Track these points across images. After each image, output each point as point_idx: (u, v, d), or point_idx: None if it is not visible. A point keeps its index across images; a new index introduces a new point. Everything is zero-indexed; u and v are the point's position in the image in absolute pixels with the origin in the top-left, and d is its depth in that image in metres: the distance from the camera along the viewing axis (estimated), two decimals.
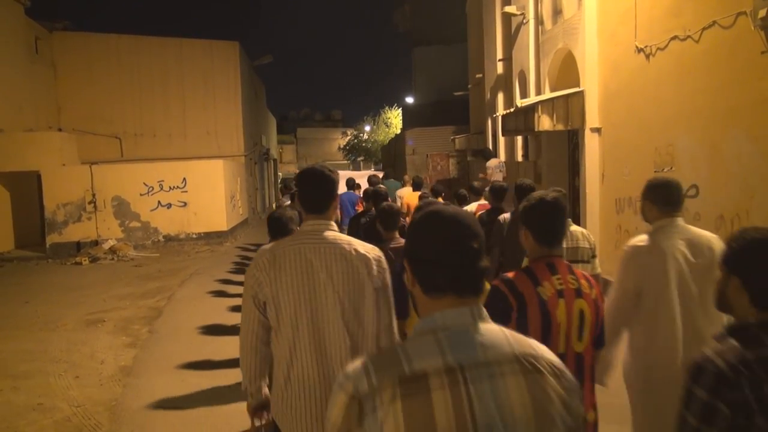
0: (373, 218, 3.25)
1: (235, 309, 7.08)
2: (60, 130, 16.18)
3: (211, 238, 14.69)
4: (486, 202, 5.65)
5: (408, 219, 5.78)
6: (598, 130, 7.86)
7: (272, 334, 1.95)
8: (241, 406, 2.56)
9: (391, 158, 25.55)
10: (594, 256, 3.50)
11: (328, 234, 1.94)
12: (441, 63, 24.40)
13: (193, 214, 14.59)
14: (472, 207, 5.66)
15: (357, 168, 44.06)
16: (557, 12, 9.23)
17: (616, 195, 7.38)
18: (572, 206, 9.34)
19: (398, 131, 31.77)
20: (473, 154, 16.15)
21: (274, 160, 31.81)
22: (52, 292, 9.26)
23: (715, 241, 2.50)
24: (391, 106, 39.35)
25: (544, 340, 1.79)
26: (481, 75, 15.27)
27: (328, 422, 1.01)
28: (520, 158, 12.06)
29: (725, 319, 1.44)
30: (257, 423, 2.13)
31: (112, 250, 13.14)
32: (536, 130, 8.23)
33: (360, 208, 7.02)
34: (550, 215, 1.93)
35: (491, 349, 1.00)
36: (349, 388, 0.99)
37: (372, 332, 1.90)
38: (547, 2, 9.59)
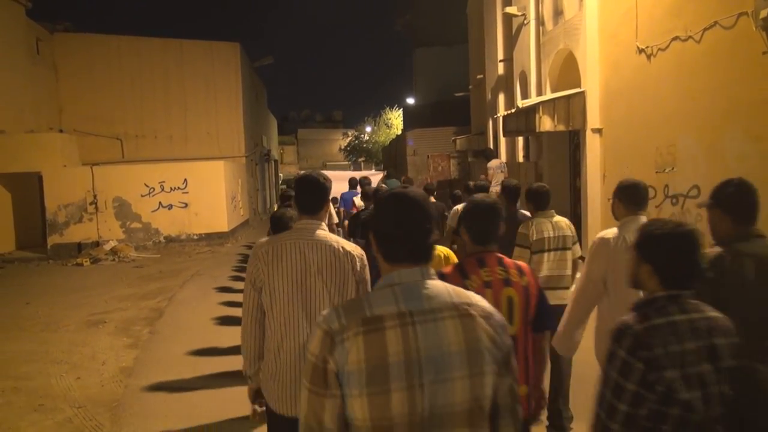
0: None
1: (237, 309, 7.08)
2: (61, 131, 16.21)
3: (212, 239, 14.70)
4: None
5: None
6: (599, 131, 7.85)
7: (267, 316, 2.25)
8: (243, 407, 2.57)
9: (392, 159, 25.56)
10: (575, 243, 3.89)
11: (320, 232, 2.28)
12: (442, 64, 24.42)
13: (194, 215, 14.60)
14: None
15: (358, 168, 44.06)
16: (558, 13, 9.23)
17: None
18: (573, 206, 9.34)
19: (399, 132, 31.78)
20: (474, 154, 16.15)
21: (275, 161, 31.84)
22: (53, 293, 9.27)
23: None
24: (392, 106, 39.43)
25: None
26: (482, 76, 15.27)
27: (308, 352, 1.29)
28: (521, 159, 12.05)
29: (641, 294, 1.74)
30: (258, 410, 2.35)
31: (113, 251, 13.16)
32: (537, 130, 8.23)
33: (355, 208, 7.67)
34: (485, 218, 2.19)
35: (434, 299, 1.30)
36: (324, 326, 1.27)
37: None
38: (548, 3, 9.59)
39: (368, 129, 41.67)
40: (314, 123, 58.71)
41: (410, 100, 30.15)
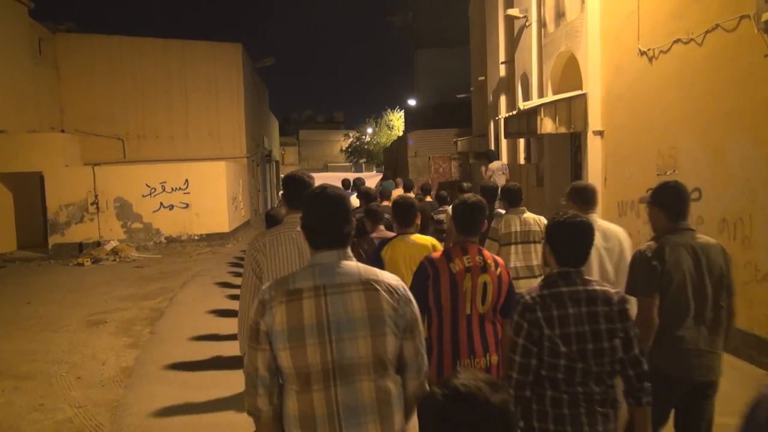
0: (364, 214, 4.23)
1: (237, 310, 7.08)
2: (63, 131, 16.24)
3: (212, 239, 14.71)
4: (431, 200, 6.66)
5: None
6: (600, 133, 7.85)
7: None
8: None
9: (393, 160, 25.56)
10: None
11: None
12: (443, 65, 24.43)
13: (195, 215, 14.62)
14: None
15: (359, 170, 44.05)
16: (560, 15, 9.24)
17: (618, 198, 7.37)
18: None
19: (400, 133, 31.78)
20: (475, 156, 16.16)
21: (276, 162, 31.84)
22: (54, 292, 9.28)
23: (621, 233, 3.25)
24: (393, 108, 39.42)
25: (453, 300, 2.51)
26: (483, 77, 15.28)
27: (249, 317, 1.71)
28: (522, 161, 12.05)
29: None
30: None
31: (114, 251, 13.17)
32: (538, 132, 8.23)
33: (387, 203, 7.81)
34: (470, 213, 2.61)
35: (345, 276, 1.67)
36: (260, 297, 1.69)
37: None
38: (550, 5, 9.60)
39: (369, 130, 41.65)
40: (316, 124, 58.73)
41: (412, 102, 30.15)
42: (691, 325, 2.53)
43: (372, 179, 15.26)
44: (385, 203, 5.86)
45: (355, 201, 7.57)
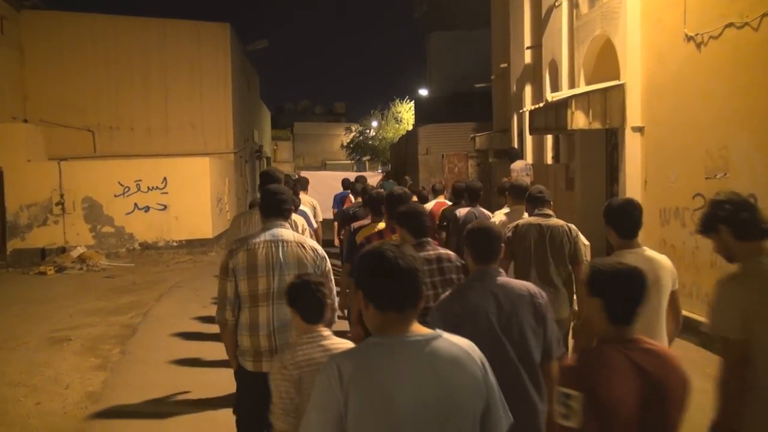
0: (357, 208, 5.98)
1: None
2: (25, 121, 16.36)
3: (194, 246, 14.76)
4: (444, 201, 7.53)
5: None
6: (640, 130, 7.83)
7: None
8: None
9: (401, 158, 25.57)
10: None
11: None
12: (460, 50, 24.47)
13: (174, 218, 14.67)
14: (429, 205, 7.25)
15: (362, 169, 44.14)
16: None
17: (660, 204, 7.34)
18: None
19: (410, 127, 31.83)
20: (496, 155, 16.13)
21: (268, 159, 31.96)
22: (11, 305, 9.32)
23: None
24: (402, 98, 39.44)
25: None
26: (506, 65, 15.29)
27: (222, 261, 3.25)
28: (549, 160, 12.04)
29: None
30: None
31: (82, 259, 13.23)
32: (569, 128, 8.22)
33: (348, 203, 9.46)
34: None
35: (284, 235, 3.25)
36: (229, 248, 3.30)
37: None
38: None
39: (374, 124, 41.73)
40: (313, 116, 58.94)
41: (423, 92, 30.18)
42: None
43: (373, 180, 15.31)
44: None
45: (353, 198, 9.03)
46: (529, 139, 12.84)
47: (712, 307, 2.51)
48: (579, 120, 8.05)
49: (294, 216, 4.44)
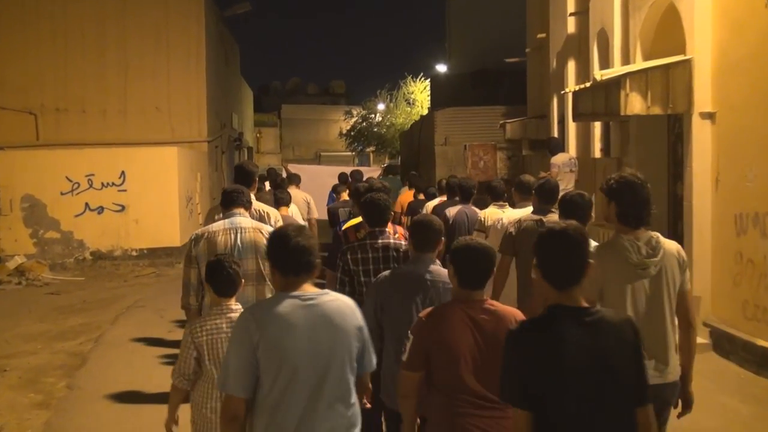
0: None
1: None
2: None
3: (157, 256, 14.80)
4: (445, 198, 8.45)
5: (403, 218, 9.74)
6: (710, 116, 7.81)
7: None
8: None
9: (413, 149, 25.57)
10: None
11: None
12: (487, 17, 24.46)
13: (133, 222, 14.72)
14: (434, 202, 8.47)
15: (364, 162, 44.22)
16: None
17: (735, 209, 7.30)
18: (672, 223, 9.26)
19: (425, 112, 31.88)
20: (531, 146, 16.09)
21: (249, 149, 32.07)
22: None
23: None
24: (415, 76, 39.54)
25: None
26: (544, 35, 15.29)
27: (185, 254, 4.71)
28: (597, 154, 12.00)
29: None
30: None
31: (20, 271, 13.27)
32: (622, 113, 8.20)
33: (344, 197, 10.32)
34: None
35: (243, 223, 4.67)
36: (191, 236, 4.71)
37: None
38: None
39: (381, 107, 41.79)
40: (305, 97, 59.12)
41: (441, 68, 30.21)
42: None
43: (372, 175, 15.37)
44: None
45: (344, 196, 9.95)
46: (572, 126, 12.80)
47: None
48: (634, 104, 8.03)
49: (266, 208, 5.65)
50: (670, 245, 3.62)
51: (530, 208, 5.49)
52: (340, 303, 2.86)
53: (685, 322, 3.61)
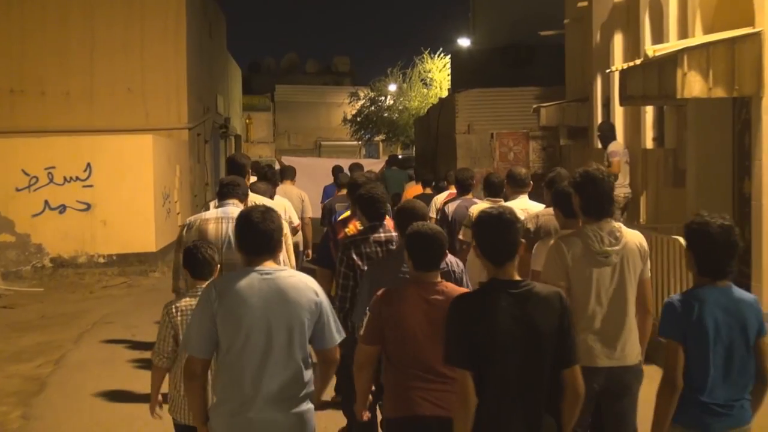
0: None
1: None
2: None
3: (129, 263, 14.85)
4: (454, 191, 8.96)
5: None
6: None
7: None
8: None
9: (430, 138, 25.57)
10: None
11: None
12: None
13: (100, 223, 14.76)
14: (442, 196, 9.48)
15: (373, 154, 44.23)
16: None
17: None
18: (739, 223, 9.18)
19: (444, 94, 31.87)
20: (570, 134, 16.03)
21: (237, 137, 32.15)
22: None
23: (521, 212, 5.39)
24: (433, 52, 39.53)
25: None
26: (586, 3, 15.25)
27: (177, 239, 6.22)
28: (649, 144, 11.95)
29: None
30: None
31: None
32: (678, 96, 8.17)
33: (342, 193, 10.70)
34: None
35: (235, 213, 4.94)
36: (185, 223, 5.96)
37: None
38: None
39: (392, 88, 41.78)
40: (303, 76, 59.12)
41: (464, 42, 30.19)
42: None
43: (375, 168, 15.44)
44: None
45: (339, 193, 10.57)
46: (619, 111, 12.75)
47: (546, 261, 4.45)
48: (693, 85, 7.99)
49: (263, 199, 6.31)
50: (633, 236, 4.43)
51: (523, 199, 6.50)
52: (297, 279, 3.63)
53: (643, 308, 4.42)
